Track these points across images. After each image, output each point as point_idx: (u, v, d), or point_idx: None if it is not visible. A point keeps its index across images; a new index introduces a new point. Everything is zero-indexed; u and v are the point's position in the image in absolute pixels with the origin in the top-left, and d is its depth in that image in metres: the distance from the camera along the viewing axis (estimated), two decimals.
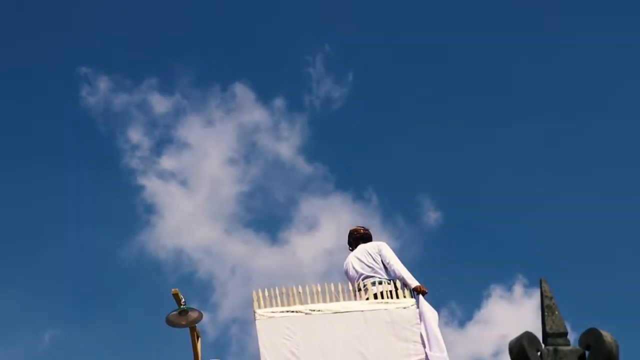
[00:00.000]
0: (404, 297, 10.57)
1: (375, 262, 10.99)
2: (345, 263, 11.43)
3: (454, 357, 10.29)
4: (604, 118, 30.66)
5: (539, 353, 4.89)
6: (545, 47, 31.58)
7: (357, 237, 11.54)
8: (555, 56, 31.42)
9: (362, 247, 11.31)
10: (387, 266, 10.95)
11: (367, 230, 11.73)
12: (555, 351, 4.94)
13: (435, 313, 10.43)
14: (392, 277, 10.91)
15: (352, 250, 11.50)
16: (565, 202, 31.43)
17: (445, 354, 10.07)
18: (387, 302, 10.48)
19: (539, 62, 31.21)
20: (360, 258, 11.11)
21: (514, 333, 5.01)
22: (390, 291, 10.62)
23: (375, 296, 10.61)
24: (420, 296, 10.54)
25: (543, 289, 5.18)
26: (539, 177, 32.08)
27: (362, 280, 10.90)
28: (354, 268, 11.06)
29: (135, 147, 35.28)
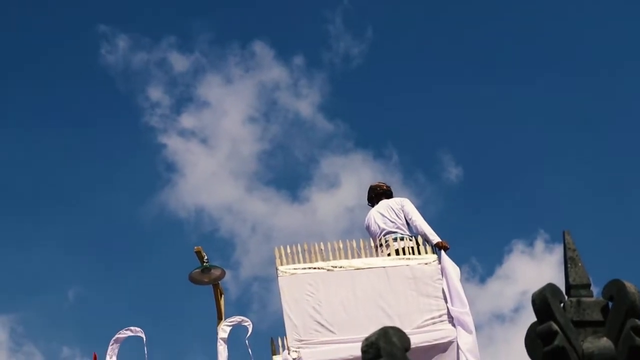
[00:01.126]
0: (426, 253, 10.59)
1: (398, 217, 11.00)
2: (366, 218, 11.44)
3: (475, 313, 10.33)
4: (624, 75, 30.39)
5: (562, 305, 4.87)
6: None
7: (380, 193, 11.54)
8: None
9: (384, 203, 11.30)
10: (410, 222, 10.96)
11: (389, 186, 11.74)
12: (579, 303, 4.93)
13: (457, 268, 10.44)
14: (414, 233, 10.92)
15: (372, 206, 11.50)
16: (586, 156, 31.28)
17: (467, 309, 10.09)
18: (409, 258, 10.49)
19: (560, 14, 30.88)
20: (383, 213, 11.11)
21: (535, 289, 4.99)
22: (412, 247, 10.64)
23: (397, 252, 10.63)
24: (442, 252, 10.55)
25: (566, 240, 5.16)
26: (559, 131, 31.89)
27: (384, 235, 10.91)
28: (376, 223, 11.06)
29: (155, 105, 35.28)
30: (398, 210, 11.10)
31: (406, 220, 11.02)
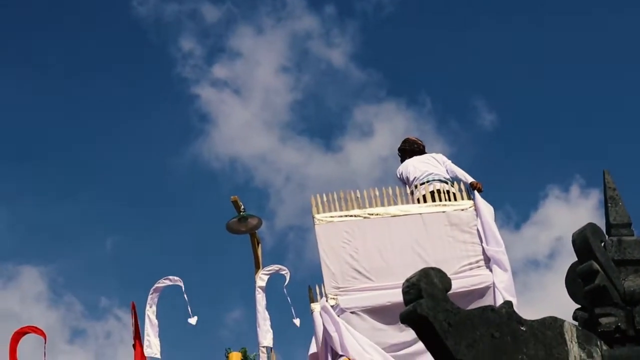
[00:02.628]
0: (462, 199, 10.58)
1: (439, 163, 11.00)
2: (402, 167, 11.38)
3: (509, 259, 10.30)
4: None
5: (602, 244, 4.87)
6: None
7: (415, 150, 11.50)
8: None
9: (418, 156, 11.31)
10: (447, 171, 10.96)
11: (424, 145, 11.70)
12: (619, 242, 4.92)
13: (491, 208, 10.42)
14: (450, 178, 10.90)
15: (401, 157, 11.50)
16: (623, 99, 30.93)
17: (502, 248, 10.09)
18: (445, 205, 10.48)
19: None
20: (422, 160, 11.09)
21: (570, 235, 4.98)
22: (448, 192, 10.62)
23: (432, 193, 10.61)
24: (476, 192, 10.54)
25: (606, 180, 5.13)
26: (593, 74, 31.55)
27: (423, 177, 10.89)
28: (415, 168, 11.02)
29: (187, 56, 35.28)
30: (438, 158, 11.11)
31: (445, 170, 11.03)
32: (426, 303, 4.24)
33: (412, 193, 10.78)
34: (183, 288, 10.89)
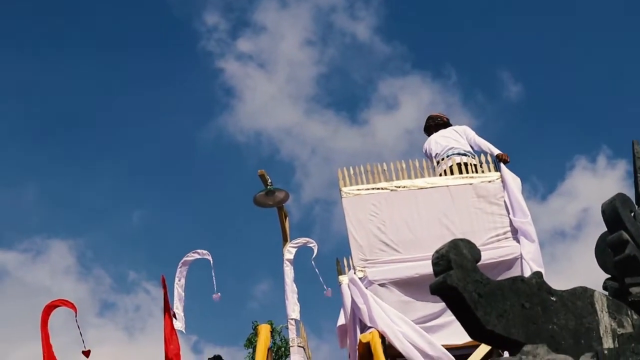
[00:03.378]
0: (489, 171, 10.56)
1: (461, 137, 10.98)
2: (426, 142, 11.40)
3: (536, 230, 10.28)
4: None
5: (632, 214, 4.86)
6: None
7: (439, 124, 11.50)
8: None
9: (443, 130, 11.30)
10: (472, 143, 10.95)
11: (448, 118, 11.69)
12: None
13: (518, 180, 10.41)
14: (477, 153, 10.89)
15: (428, 135, 11.50)
16: None
17: (529, 218, 10.07)
18: (472, 177, 10.48)
19: None
20: (445, 134, 11.10)
21: (597, 206, 4.97)
22: (475, 165, 10.62)
23: (459, 166, 10.61)
24: (502, 164, 10.52)
25: (635, 150, 5.11)
26: (621, 43, 31.24)
27: (447, 150, 10.88)
28: (438, 143, 11.03)
29: (212, 30, 35.29)
30: (461, 132, 11.11)
31: (469, 144, 11.02)
32: (456, 274, 4.25)
33: (437, 163, 10.79)
34: (211, 262, 10.95)
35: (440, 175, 10.63)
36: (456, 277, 4.23)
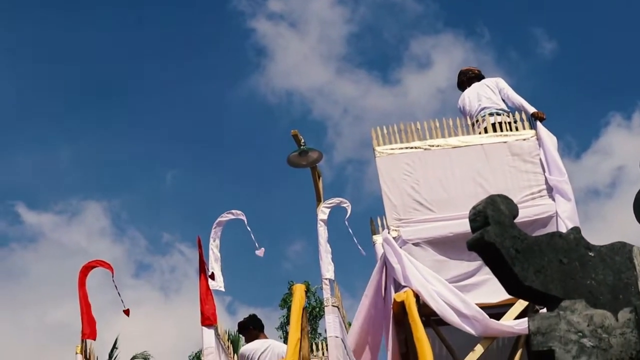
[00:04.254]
0: (524, 129, 10.49)
1: (494, 93, 10.90)
2: (460, 99, 11.36)
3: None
4: None
5: None
6: None
7: (471, 77, 11.43)
8: None
9: (477, 84, 11.23)
10: (505, 98, 10.87)
11: (480, 70, 11.61)
12: None
13: (554, 138, 10.33)
14: (511, 109, 10.82)
15: (462, 90, 11.42)
16: None
17: (566, 177, 10.01)
18: (507, 135, 10.42)
19: None
20: (479, 91, 11.03)
21: (632, 164, 4.93)
22: (509, 123, 10.55)
23: (494, 126, 10.56)
24: (538, 122, 10.44)
25: None
26: None
27: (480, 112, 10.83)
28: (470, 102, 10.99)
29: None
30: (493, 87, 11.02)
31: (502, 98, 10.94)
32: (493, 230, 4.23)
33: (472, 125, 10.73)
34: (246, 222, 10.98)
35: (479, 132, 10.57)
36: (493, 233, 4.22)
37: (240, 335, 25.51)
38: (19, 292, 42.99)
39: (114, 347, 26.64)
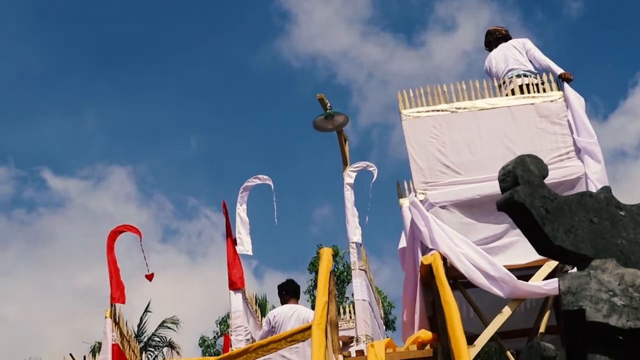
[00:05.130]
0: (551, 90, 10.41)
1: (521, 54, 10.82)
2: (486, 60, 11.28)
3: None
4: None
5: None
6: None
7: (498, 38, 11.35)
8: None
9: (504, 44, 11.14)
10: (532, 59, 10.79)
11: (507, 30, 11.51)
12: None
13: (581, 99, 10.24)
14: (538, 70, 10.73)
15: (489, 51, 11.35)
16: None
17: (595, 139, 9.93)
18: (534, 96, 10.34)
19: None
20: (505, 52, 10.95)
21: None
22: (536, 84, 10.47)
23: (521, 88, 10.50)
24: (565, 84, 10.36)
25: None
26: None
27: (507, 73, 10.76)
28: (497, 63, 10.92)
29: None
30: (520, 48, 10.93)
31: (528, 59, 10.86)
32: (523, 190, 4.21)
33: (499, 87, 10.66)
34: (272, 187, 11.03)
35: (506, 94, 10.51)
36: (523, 193, 4.20)
37: (268, 300, 25.68)
38: (47, 257, 43.48)
39: (146, 310, 26.87)
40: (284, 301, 10.85)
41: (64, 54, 45.42)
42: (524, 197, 4.20)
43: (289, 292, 10.76)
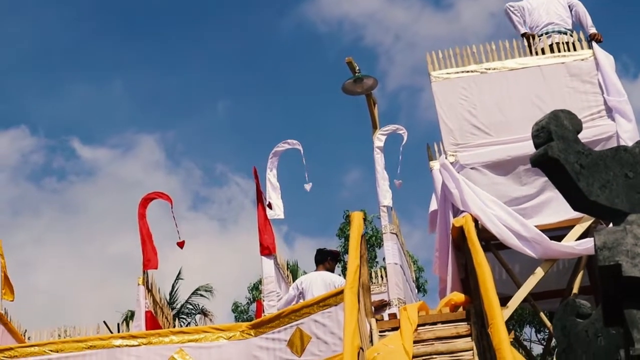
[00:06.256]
0: (582, 48, 10.28)
1: (565, 10, 10.65)
2: (518, 4, 10.98)
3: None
4: None
5: None
6: None
7: None
8: None
9: None
10: (574, 16, 10.62)
11: None
12: None
13: (611, 58, 10.12)
14: (571, 28, 10.59)
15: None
16: None
17: (625, 97, 9.82)
18: (565, 55, 10.22)
19: None
20: (549, 5, 10.72)
21: None
22: (567, 43, 10.34)
23: (551, 47, 10.36)
24: (594, 44, 10.23)
25: None
26: None
27: (546, 26, 10.59)
28: (539, 13, 10.69)
29: None
30: (564, 4, 10.73)
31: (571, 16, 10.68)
32: (557, 145, 4.15)
33: (529, 44, 10.53)
34: (302, 152, 11.00)
35: (537, 52, 10.38)
36: (557, 149, 4.14)
37: (299, 266, 25.76)
38: (79, 225, 43.84)
39: (178, 277, 27.03)
40: (316, 269, 10.87)
41: (91, 22, 45.48)
42: (558, 152, 4.14)
43: (316, 261, 10.75)
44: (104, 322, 12.11)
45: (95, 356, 9.20)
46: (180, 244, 11.05)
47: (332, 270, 10.48)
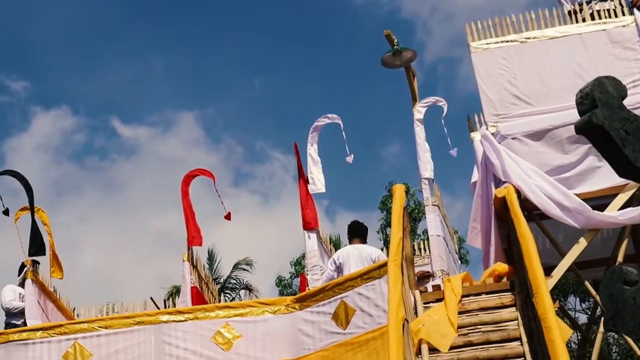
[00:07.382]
0: (623, 15, 10.17)
1: None
2: None
3: None
4: None
5: None
6: None
7: None
8: None
9: None
10: None
11: None
12: None
13: None
14: None
15: None
16: None
17: None
18: (606, 23, 10.12)
19: None
20: None
21: None
22: (609, 10, 10.23)
23: (592, 16, 10.26)
24: (635, 10, 10.10)
25: None
26: None
27: None
28: None
29: None
30: None
31: None
32: (601, 112, 4.14)
33: (569, 13, 10.43)
34: (342, 126, 11.00)
35: (577, 21, 10.27)
36: (602, 115, 4.12)
37: (342, 240, 25.83)
38: (122, 202, 44.27)
39: (212, 255, 27.19)
40: (350, 242, 10.87)
41: (130, 2, 45.70)
42: (603, 119, 4.12)
43: (350, 234, 10.73)
44: (151, 298, 12.24)
45: (143, 332, 9.32)
46: (227, 216, 11.11)
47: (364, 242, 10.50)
